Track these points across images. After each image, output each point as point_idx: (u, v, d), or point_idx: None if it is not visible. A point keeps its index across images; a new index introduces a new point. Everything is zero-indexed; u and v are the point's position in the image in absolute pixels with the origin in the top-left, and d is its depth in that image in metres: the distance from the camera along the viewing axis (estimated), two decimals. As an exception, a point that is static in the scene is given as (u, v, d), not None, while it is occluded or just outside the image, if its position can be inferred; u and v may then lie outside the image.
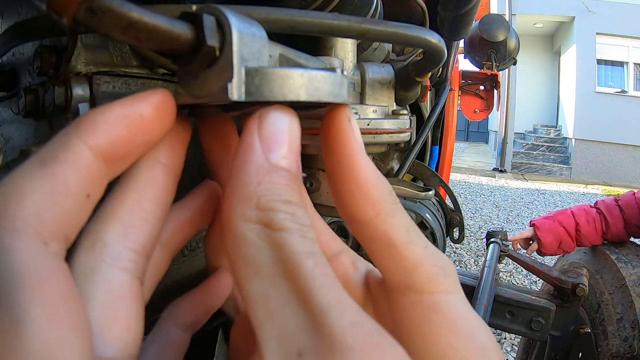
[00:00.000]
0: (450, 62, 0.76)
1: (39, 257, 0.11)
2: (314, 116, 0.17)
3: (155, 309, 0.19)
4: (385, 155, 0.69)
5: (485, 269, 0.98)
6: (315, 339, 0.11)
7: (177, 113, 0.15)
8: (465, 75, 1.63)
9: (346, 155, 0.15)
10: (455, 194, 0.75)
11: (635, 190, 1.20)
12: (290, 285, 0.11)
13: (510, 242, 1.21)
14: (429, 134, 0.94)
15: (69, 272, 0.11)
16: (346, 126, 0.15)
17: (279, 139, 0.14)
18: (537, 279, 1.74)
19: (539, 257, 1.33)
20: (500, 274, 2.49)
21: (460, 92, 1.58)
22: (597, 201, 1.24)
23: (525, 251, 1.28)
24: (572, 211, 1.22)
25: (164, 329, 0.18)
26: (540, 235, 1.22)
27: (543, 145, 8.10)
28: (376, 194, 0.15)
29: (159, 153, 0.15)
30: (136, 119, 0.14)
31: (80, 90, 0.25)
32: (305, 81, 0.15)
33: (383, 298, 0.16)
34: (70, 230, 0.12)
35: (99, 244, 0.13)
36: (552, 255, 1.25)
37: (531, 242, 1.26)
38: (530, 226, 1.27)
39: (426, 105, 0.86)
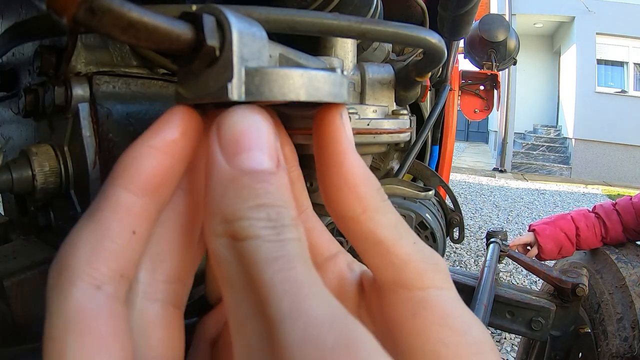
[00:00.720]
0: (450, 62, 0.76)
1: (90, 302, 0.12)
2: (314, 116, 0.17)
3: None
4: (385, 155, 0.69)
5: (485, 269, 0.98)
6: (270, 355, 0.10)
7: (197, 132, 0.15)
8: (465, 75, 1.62)
9: (335, 151, 0.15)
10: (455, 194, 0.75)
11: (632, 195, 1.20)
12: (253, 297, 0.11)
13: (510, 244, 1.21)
14: (429, 134, 0.94)
15: (119, 311, 0.13)
16: (337, 123, 0.15)
17: (240, 140, 0.13)
18: (537, 279, 1.74)
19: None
20: (500, 274, 2.49)
21: (460, 92, 1.57)
22: (595, 205, 1.24)
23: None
24: (571, 216, 1.22)
25: (199, 347, 0.19)
26: (540, 241, 1.21)
27: (543, 145, 8.10)
28: (363, 191, 0.15)
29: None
30: (162, 146, 0.14)
31: (80, 90, 0.25)
32: (305, 81, 0.15)
33: (375, 297, 0.16)
34: (123, 267, 0.13)
35: (134, 281, 0.14)
36: (550, 260, 1.25)
37: (529, 247, 1.25)
38: (529, 231, 1.26)
39: (426, 105, 0.86)
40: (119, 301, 0.13)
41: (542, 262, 1.09)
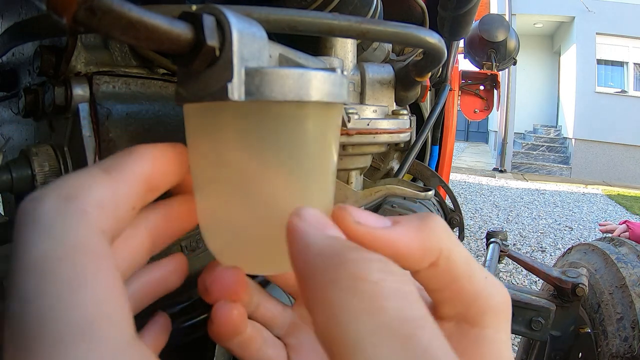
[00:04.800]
0: (450, 62, 0.76)
1: (97, 240, 0.13)
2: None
3: (155, 309, 0.19)
4: (385, 155, 0.69)
5: (485, 269, 0.98)
6: None
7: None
8: (465, 75, 1.63)
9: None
10: (455, 194, 0.75)
11: None
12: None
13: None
14: (429, 134, 0.94)
15: (111, 255, 0.13)
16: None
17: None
18: (537, 279, 1.74)
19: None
20: (500, 274, 2.49)
21: (460, 92, 1.57)
22: None
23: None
24: None
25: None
26: (632, 236, 1.27)
27: (543, 145, 8.10)
28: (435, 240, 0.15)
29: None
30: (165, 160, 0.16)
31: (80, 90, 0.25)
32: (305, 81, 0.15)
33: None
34: (115, 230, 0.14)
35: None
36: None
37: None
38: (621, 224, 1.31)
39: (426, 105, 0.86)
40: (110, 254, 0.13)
41: (542, 262, 1.09)
